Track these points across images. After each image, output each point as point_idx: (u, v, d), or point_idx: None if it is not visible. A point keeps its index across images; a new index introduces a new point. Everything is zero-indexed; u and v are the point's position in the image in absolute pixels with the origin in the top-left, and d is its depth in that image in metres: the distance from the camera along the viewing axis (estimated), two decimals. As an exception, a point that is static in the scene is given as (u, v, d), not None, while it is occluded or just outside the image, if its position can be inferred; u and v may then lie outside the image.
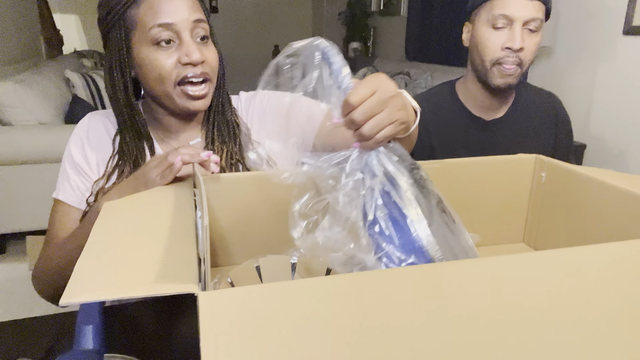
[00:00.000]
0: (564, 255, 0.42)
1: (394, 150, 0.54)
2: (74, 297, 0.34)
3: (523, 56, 1.01)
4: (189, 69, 0.73)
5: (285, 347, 0.29)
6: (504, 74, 1.02)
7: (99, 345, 0.49)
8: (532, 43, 1.01)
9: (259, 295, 0.34)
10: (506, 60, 1.01)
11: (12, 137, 2.19)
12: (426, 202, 0.52)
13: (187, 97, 0.75)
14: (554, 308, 0.35)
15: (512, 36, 0.99)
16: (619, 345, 0.32)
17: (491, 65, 1.03)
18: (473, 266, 0.41)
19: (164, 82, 0.73)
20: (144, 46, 0.72)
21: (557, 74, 2.40)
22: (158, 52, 0.72)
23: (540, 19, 1.00)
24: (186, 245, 0.43)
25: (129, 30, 0.72)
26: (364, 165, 0.53)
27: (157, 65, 0.72)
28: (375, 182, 0.51)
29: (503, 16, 0.99)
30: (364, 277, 0.39)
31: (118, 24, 0.73)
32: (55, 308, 0.70)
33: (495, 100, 1.11)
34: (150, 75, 0.73)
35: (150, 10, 0.71)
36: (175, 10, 0.71)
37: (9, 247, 2.41)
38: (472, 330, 0.32)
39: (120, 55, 0.74)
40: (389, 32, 4.21)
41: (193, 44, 0.73)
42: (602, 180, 0.64)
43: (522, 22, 0.99)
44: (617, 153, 2.13)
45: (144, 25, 0.71)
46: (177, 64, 0.72)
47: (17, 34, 3.20)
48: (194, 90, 0.74)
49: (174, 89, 0.74)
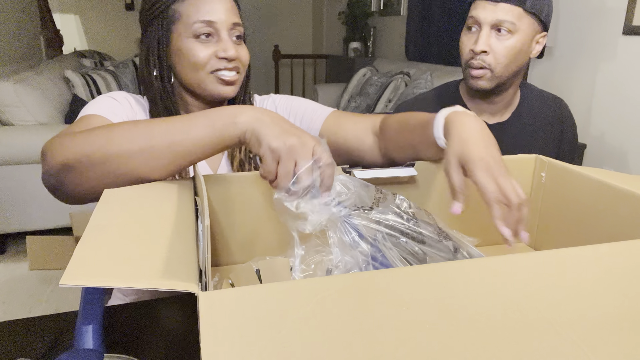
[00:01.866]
0: (564, 255, 0.42)
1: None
2: (75, 280, 0.33)
3: (489, 59, 0.99)
4: (223, 63, 0.80)
5: (285, 347, 0.29)
6: (472, 76, 1.03)
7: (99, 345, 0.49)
8: (502, 47, 0.98)
9: (259, 295, 0.34)
10: (472, 63, 1.01)
11: (12, 137, 2.19)
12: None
13: (219, 82, 0.81)
14: (554, 308, 0.35)
15: (476, 39, 1.00)
16: (619, 345, 0.32)
17: (464, 67, 1.05)
18: (474, 266, 0.41)
19: (198, 70, 0.80)
20: (184, 37, 0.79)
21: (557, 74, 2.40)
22: (197, 43, 0.79)
23: (510, 21, 0.97)
24: (187, 243, 0.43)
25: (171, 22, 0.80)
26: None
27: (194, 54, 0.79)
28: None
29: (472, 19, 1.00)
30: (364, 277, 0.39)
31: (162, 15, 0.80)
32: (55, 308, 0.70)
33: (491, 104, 1.10)
34: (187, 63, 0.80)
35: (194, 6, 0.78)
36: (217, 10, 0.79)
37: (9, 247, 2.41)
38: (473, 330, 0.32)
39: (159, 44, 0.81)
40: (389, 32, 4.21)
41: (230, 41, 0.81)
42: (602, 180, 0.64)
43: (489, 24, 0.98)
44: (617, 153, 2.13)
45: (187, 19, 0.78)
46: (213, 57, 0.80)
47: (17, 34, 3.19)
48: (226, 75, 0.81)
49: (208, 75, 0.81)
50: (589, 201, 0.67)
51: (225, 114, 0.58)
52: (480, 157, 0.57)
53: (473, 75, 1.02)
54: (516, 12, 0.97)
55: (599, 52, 2.17)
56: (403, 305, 0.34)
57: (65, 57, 3.69)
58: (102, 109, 0.77)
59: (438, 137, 0.66)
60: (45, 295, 1.99)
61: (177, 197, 0.56)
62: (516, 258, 0.42)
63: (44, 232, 2.33)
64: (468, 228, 0.74)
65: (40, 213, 2.27)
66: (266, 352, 0.29)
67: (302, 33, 5.66)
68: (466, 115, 0.64)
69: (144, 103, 0.87)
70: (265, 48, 5.02)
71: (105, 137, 0.58)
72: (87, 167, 0.57)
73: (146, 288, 0.34)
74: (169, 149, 0.57)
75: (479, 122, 0.62)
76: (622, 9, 2.03)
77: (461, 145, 0.59)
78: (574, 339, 0.32)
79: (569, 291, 0.37)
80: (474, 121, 0.62)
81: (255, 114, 0.57)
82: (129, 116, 0.81)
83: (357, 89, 3.71)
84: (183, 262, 0.39)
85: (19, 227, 2.29)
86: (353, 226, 0.55)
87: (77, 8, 5.04)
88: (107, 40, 5.11)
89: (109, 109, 0.78)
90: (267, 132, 0.55)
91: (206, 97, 0.85)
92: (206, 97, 0.85)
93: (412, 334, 0.31)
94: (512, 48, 0.99)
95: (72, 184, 0.59)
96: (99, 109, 0.77)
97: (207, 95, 0.84)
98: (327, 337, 0.31)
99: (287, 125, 0.56)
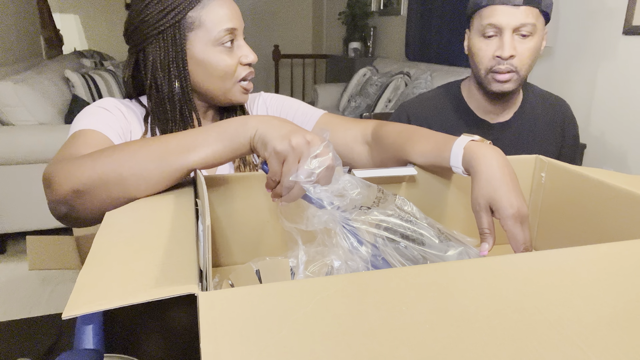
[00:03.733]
0: (564, 255, 0.42)
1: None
2: (77, 310, 0.34)
3: (516, 62, 1.01)
4: (247, 69, 0.82)
5: (285, 347, 0.29)
6: (498, 81, 1.03)
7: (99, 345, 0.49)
8: (526, 48, 1.00)
9: (259, 295, 0.34)
10: (498, 69, 1.01)
11: (12, 137, 2.19)
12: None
13: (243, 91, 0.84)
14: (554, 308, 0.35)
15: (501, 45, 0.99)
16: (619, 345, 0.32)
17: (486, 73, 1.04)
18: (473, 266, 0.41)
19: (226, 78, 0.80)
20: (206, 45, 0.78)
21: (557, 74, 2.40)
22: (221, 52, 0.79)
23: (531, 23, 0.98)
24: (187, 245, 0.43)
25: (188, 29, 0.77)
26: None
27: (223, 64, 0.79)
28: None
29: (491, 25, 1.00)
30: (364, 277, 0.39)
31: (179, 23, 0.77)
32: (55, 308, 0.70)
33: (498, 105, 1.11)
34: (214, 72, 0.80)
35: (214, 13, 0.77)
36: (235, 16, 0.79)
37: (9, 247, 2.41)
38: (473, 330, 0.32)
39: (177, 52, 0.78)
40: (389, 32, 4.21)
41: (246, 46, 0.82)
42: (602, 180, 0.64)
43: (511, 29, 0.99)
44: (617, 153, 2.13)
45: (208, 26, 0.77)
46: (239, 65, 0.81)
47: (17, 34, 3.20)
48: (247, 85, 0.84)
49: (234, 85, 0.82)
50: (589, 201, 0.67)
51: (235, 122, 0.58)
52: (510, 204, 0.58)
53: (499, 80, 1.02)
54: (535, 13, 0.99)
55: (599, 52, 2.17)
56: (403, 306, 0.34)
57: (65, 57, 3.69)
58: (95, 123, 0.74)
59: (455, 167, 0.65)
60: (45, 295, 1.99)
61: (178, 198, 0.56)
62: (516, 258, 0.42)
63: (44, 232, 2.33)
64: (468, 229, 0.74)
65: (40, 213, 2.27)
66: (266, 352, 0.29)
67: (302, 33, 5.66)
68: (487, 148, 0.63)
69: (135, 108, 0.84)
70: (265, 48, 5.02)
71: (118, 158, 0.56)
72: (101, 190, 0.56)
73: (147, 300, 0.35)
74: (185, 162, 0.56)
75: (501, 155, 0.63)
76: (622, 9, 2.03)
77: (489, 187, 0.60)
78: (574, 339, 0.32)
79: (569, 291, 0.37)
80: (496, 156, 0.62)
81: (262, 118, 0.58)
82: (122, 127, 0.78)
83: (357, 89, 3.71)
84: (182, 264, 0.40)
85: (19, 227, 2.29)
86: (352, 231, 0.55)
87: (77, 8, 5.04)
88: (107, 40, 5.11)
89: (103, 122, 0.75)
90: (273, 134, 0.54)
91: (226, 104, 0.85)
92: (226, 104, 0.85)
93: (412, 334, 0.31)
94: (534, 49, 1.02)
95: (84, 209, 0.57)
96: (93, 123, 0.74)
97: (228, 103, 0.85)
98: (327, 337, 0.31)
99: (293, 127, 0.56)
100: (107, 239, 0.46)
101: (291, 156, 0.53)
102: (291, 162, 0.53)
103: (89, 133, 0.72)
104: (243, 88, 0.83)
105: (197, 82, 0.81)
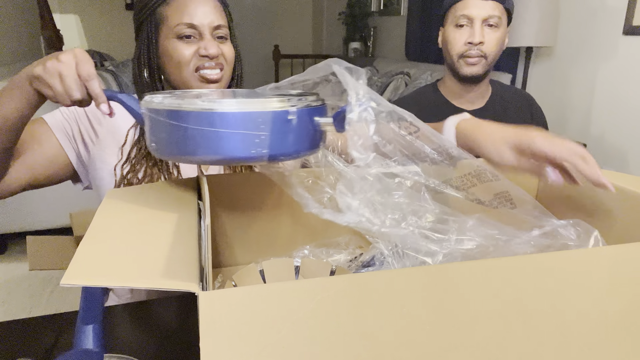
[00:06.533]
0: (565, 256, 0.42)
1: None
2: (76, 279, 0.34)
3: (485, 49, 1.19)
4: (206, 61, 0.84)
5: (285, 347, 0.29)
6: (469, 64, 1.21)
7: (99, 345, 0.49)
8: (493, 37, 1.19)
9: (260, 295, 0.34)
10: (469, 54, 1.20)
11: (12, 137, 2.18)
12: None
13: (203, 80, 0.85)
14: (555, 309, 0.35)
15: (473, 33, 1.18)
16: (621, 346, 0.32)
17: (457, 58, 1.22)
18: (474, 267, 0.41)
19: (182, 68, 0.84)
20: (169, 38, 0.84)
21: (557, 74, 2.40)
22: (180, 43, 0.83)
23: (498, 15, 1.18)
24: (189, 244, 0.43)
25: (158, 24, 0.84)
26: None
27: (178, 54, 0.83)
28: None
29: (464, 16, 1.19)
30: (364, 277, 0.39)
31: (149, 18, 0.84)
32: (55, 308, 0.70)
33: (471, 92, 1.27)
34: (171, 62, 0.84)
35: (177, 10, 0.83)
36: (199, 14, 0.83)
37: (9, 247, 2.41)
38: (474, 331, 0.32)
39: (149, 45, 0.85)
40: (389, 32, 4.21)
41: (212, 40, 0.84)
42: (602, 180, 0.64)
43: (481, 19, 1.17)
44: (617, 153, 2.13)
45: (171, 22, 0.83)
46: (196, 55, 0.83)
47: (17, 34, 3.19)
48: (209, 73, 0.84)
49: (192, 74, 0.84)
50: (589, 201, 0.67)
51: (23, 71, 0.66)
52: (527, 131, 0.64)
53: (470, 63, 1.21)
54: (500, 8, 1.19)
55: (599, 52, 2.17)
56: (403, 306, 0.34)
57: (65, 57, 3.68)
58: (56, 117, 0.85)
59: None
60: (45, 295, 1.99)
61: (180, 198, 0.56)
62: (516, 258, 0.42)
63: (44, 232, 2.33)
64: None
65: (40, 213, 2.27)
66: (266, 352, 0.29)
67: (302, 33, 5.65)
68: (472, 118, 0.72)
69: None
70: (265, 48, 5.02)
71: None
72: None
73: (147, 288, 0.35)
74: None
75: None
76: (622, 9, 2.03)
77: (505, 134, 0.65)
78: (575, 339, 0.32)
79: (570, 291, 0.37)
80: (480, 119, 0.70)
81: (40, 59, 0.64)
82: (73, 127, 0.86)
83: (357, 89, 3.70)
84: (184, 262, 0.39)
85: (19, 227, 2.29)
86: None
87: (77, 8, 5.04)
88: (107, 40, 5.10)
89: (57, 115, 0.85)
90: (33, 65, 0.63)
91: None
92: None
93: (412, 334, 0.31)
94: (500, 39, 1.22)
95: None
96: (53, 117, 0.85)
97: None
98: (327, 337, 0.31)
99: (54, 55, 0.62)
100: (108, 216, 0.46)
101: (47, 75, 0.61)
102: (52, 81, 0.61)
103: (37, 124, 0.84)
104: (202, 77, 0.85)
105: (167, 75, 0.88)
